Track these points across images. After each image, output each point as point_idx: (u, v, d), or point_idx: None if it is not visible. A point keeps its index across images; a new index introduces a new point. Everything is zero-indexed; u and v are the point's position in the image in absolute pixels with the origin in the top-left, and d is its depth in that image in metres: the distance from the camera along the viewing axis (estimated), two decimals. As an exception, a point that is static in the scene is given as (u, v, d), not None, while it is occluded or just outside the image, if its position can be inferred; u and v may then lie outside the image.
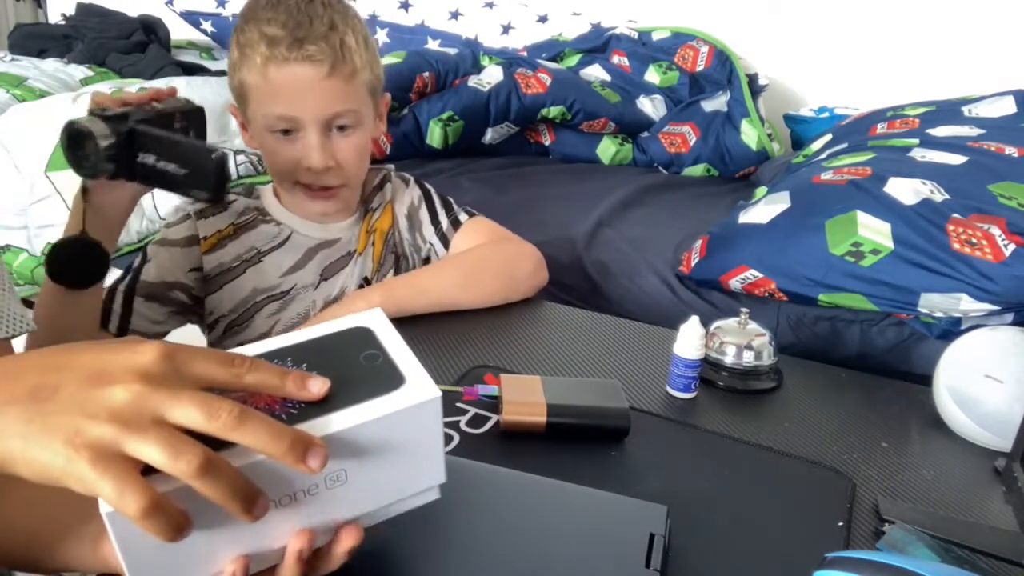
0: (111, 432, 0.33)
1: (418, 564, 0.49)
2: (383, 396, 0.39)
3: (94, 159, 0.72)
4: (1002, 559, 0.61)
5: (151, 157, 0.74)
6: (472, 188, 1.70)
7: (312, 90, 0.88)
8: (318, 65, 0.87)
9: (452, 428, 0.71)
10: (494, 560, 0.50)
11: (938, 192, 1.12)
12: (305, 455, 0.35)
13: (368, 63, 0.93)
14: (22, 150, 1.58)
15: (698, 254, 1.26)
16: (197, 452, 0.33)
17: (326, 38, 0.88)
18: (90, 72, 2.13)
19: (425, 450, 0.42)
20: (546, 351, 0.90)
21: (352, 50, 0.90)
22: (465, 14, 2.46)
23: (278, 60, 0.87)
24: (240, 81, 0.91)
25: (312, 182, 0.94)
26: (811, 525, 0.62)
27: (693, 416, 0.78)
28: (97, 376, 0.35)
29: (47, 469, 0.33)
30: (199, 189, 0.74)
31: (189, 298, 0.96)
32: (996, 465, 0.75)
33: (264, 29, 0.87)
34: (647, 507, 0.55)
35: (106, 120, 0.73)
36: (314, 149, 0.91)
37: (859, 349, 1.14)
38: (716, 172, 1.98)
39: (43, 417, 0.34)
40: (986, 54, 1.95)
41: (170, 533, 0.34)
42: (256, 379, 0.38)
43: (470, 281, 0.98)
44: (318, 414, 0.38)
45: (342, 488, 0.39)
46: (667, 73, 2.06)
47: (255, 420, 0.35)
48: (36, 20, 3.40)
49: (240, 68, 0.90)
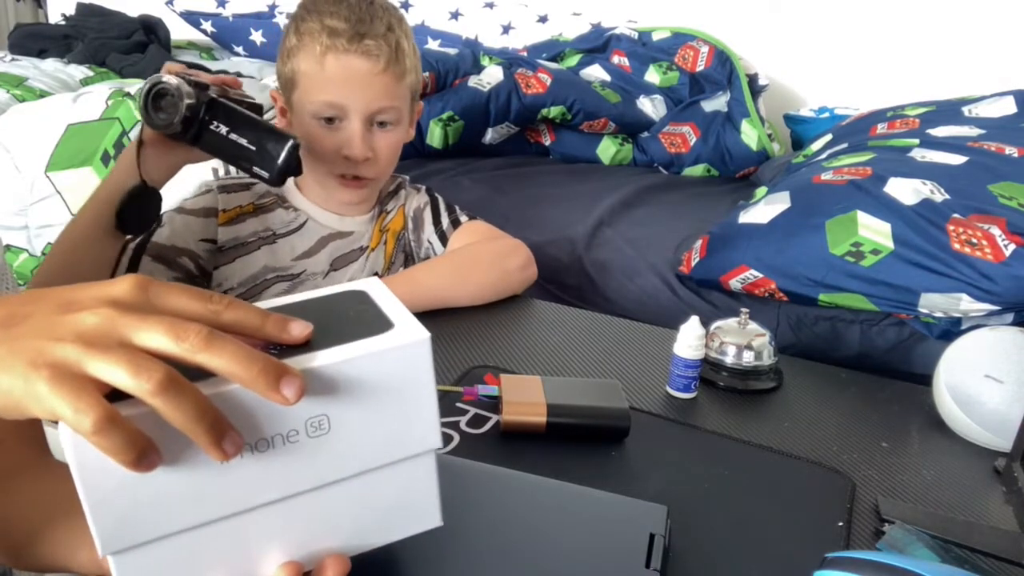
0: (73, 352, 0.32)
1: (418, 564, 0.49)
2: (369, 338, 0.38)
3: (170, 114, 0.77)
4: (1002, 559, 0.61)
5: (224, 128, 0.80)
6: (472, 188, 1.70)
7: (365, 82, 0.93)
8: (374, 60, 0.92)
9: (452, 428, 0.71)
10: (494, 560, 0.50)
11: (938, 192, 1.12)
12: (278, 382, 0.33)
13: (415, 69, 0.99)
14: (22, 150, 1.58)
15: (698, 254, 1.26)
16: (158, 367, 0.32)
17: (384, 37, 0.93)
18: (90, 72, 2.13)
19: (415, 404, 0.39)
20: (546, 351, 0.90)
21: (405, 53, 0.96)
22: (465, 14, 2.46)
23: (338, 50, 0.92)
24: (293, 68, 0.95)
25: (347, 171, 0.98)
26: (811, 525, 0.62)
27: (693, 416, 0.78)
28: (67, 304, 0.34)
29: (8, 393, 0.32)
30: (263, 168, 0.80)
31: (196, 268, 0.98)
32: (996, 465, 0.75)
33: (327, 21, 0.92)
34: (647, 507, 0.55)
35: (189, 84, 0.78)
36: (356, 137, 0.95)
37: (859, 349, 1.14)
38: (716, 172, 1.98)
39: (10, 342, 0.33)
40: (986, 54, 1.95)
41: (129, 454, 0.32)
42: (234, 317, 0.36)
43: (461, 277, 1.00)
44: (299, 353, 0.36)
45: (325, 439, 0.37)
46: (667, 73, 2.06)
47: (224, 342, 0.33)
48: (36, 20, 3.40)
49: (296, 55, 0.94)
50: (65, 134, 1.55)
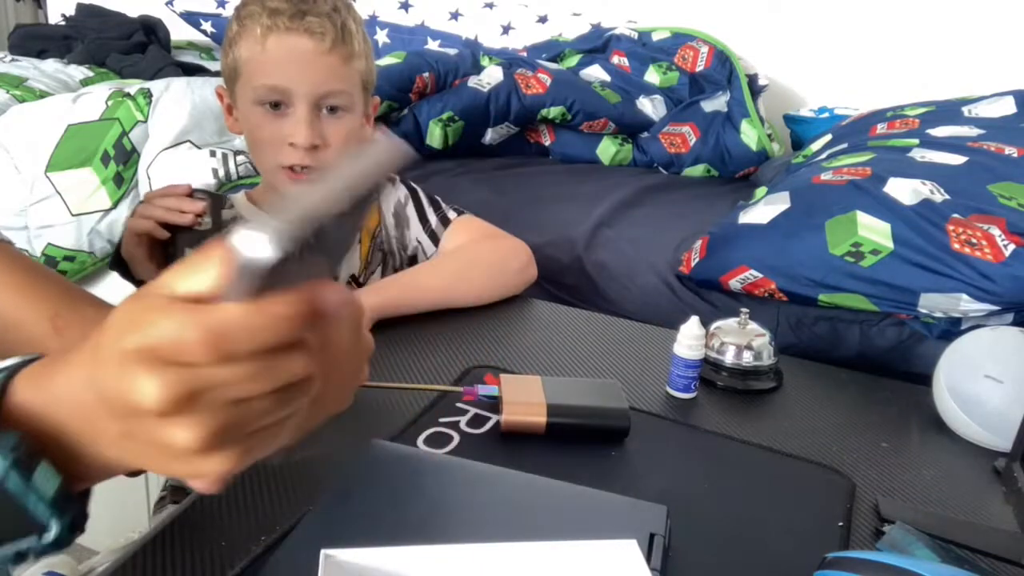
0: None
1: (418, 564, 0.49)
2: None
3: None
4: (1002, 559, 0.61)
5: None
6: (472, 188, 1.70)
7: (309, 63, 0.88)
8: (318, 39, 0.87)
9: (452, 428, 0.71)
10: (494, 560, 0.50)
11: (938, 192, 1.12)
12: None
13: (365, 54, 0.93)
14: (22, 150, 1.58)
15: (698, 254, 1.26)
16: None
17: (329, 16, 0.88)
18: (90, 73, 2.13)
19: None
20: (546, 351, 0.90)
21: (352, 34, 0.90)
22: (465, 14, 2.45)
23: (279, 30, 0.87)
24: (235, 57, 0.91)
25: (296, 161, 0.92)
26: (811, 525, 0.62)
27: (693, 416, 0.78)
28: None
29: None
30: None
31: None
32: (996, 465, 0.75)
33: (268, 3, 0.88)
34: (647, 507, 0.55)
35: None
36: (303, 124, 0.89)
37: (859, 349, 1.14)
38: (716, 172, 1.98)
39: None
40: (986, 54, 1.95)
41: None
42: None
43: (461, 279, 0.99)
44: None
45: None
46: (667, 73, 2.06)
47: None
48: (36, 20, 3.40)
49: (237, 43, 0.90)
50: (65, 134, 1.55)
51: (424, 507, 0.46)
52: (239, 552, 0.55)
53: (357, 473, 0.58)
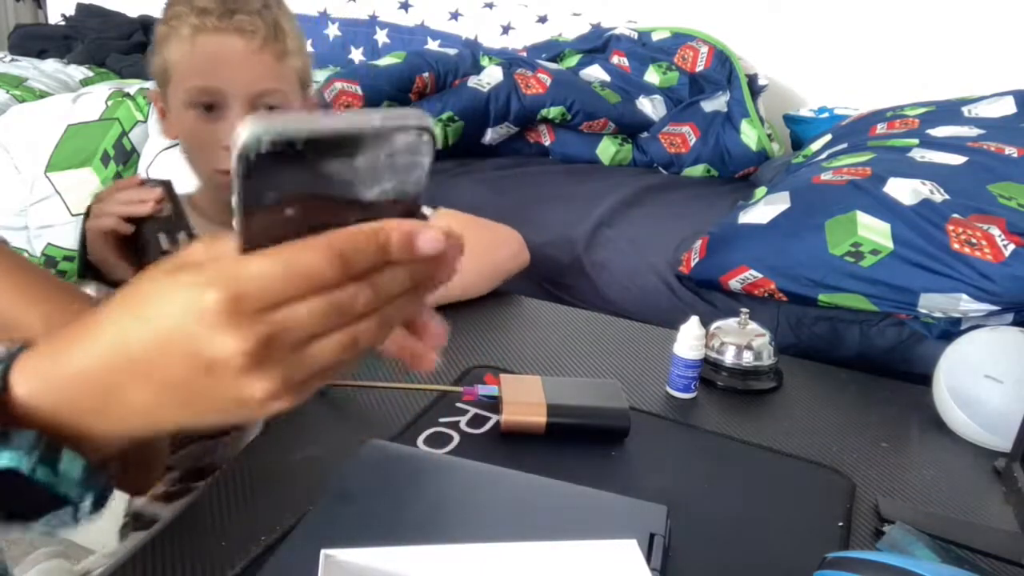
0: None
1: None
2: None
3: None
4: (1002, 559, 0.61)
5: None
6: (472, 189, 1.70)
7: (241, 62, 0.84)
8: (249, 37, 0.84)
9: (452, 428, 0.71)
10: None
11: (938, 192, 1.12)
12: None
13: (299, 51, 0.90)
14: (22, 150, 1.58)
15: (698, 254, 1.26)
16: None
17: (260, 13, 0.85)
18: (90, 73, 2.13)
19: None
20: (546, 351, 0.90)
21: (286, 33, 0.87)
22: (465, 14, 2.46)
23: (208, 29, 0.83)
24: (164, 59, 0.87)
25: None
26: (811, 525, 0.62)
27: (693, 416, 0.78)
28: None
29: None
30: None
31: None
32: (996, 465, 0.75)
33: (195, 2, 0.84)
34: (647, 507, 0.55)
35: None
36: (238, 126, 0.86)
37: (859, 349, 1.14)
38: (716, 172, 1.98)
39: None
40: (986, 54, 1.95)
41: None
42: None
43: None
44: None
45: None
46: (667, 73, 2.06)
47: None
48: (36, 20, 3.39)
49: (165, 46, 0.86)
50: (65, 134, 1.55)
51: (424, 507, 0.46)
52: (239, 552, 0.55)
53: (357, 473, 0.58)
